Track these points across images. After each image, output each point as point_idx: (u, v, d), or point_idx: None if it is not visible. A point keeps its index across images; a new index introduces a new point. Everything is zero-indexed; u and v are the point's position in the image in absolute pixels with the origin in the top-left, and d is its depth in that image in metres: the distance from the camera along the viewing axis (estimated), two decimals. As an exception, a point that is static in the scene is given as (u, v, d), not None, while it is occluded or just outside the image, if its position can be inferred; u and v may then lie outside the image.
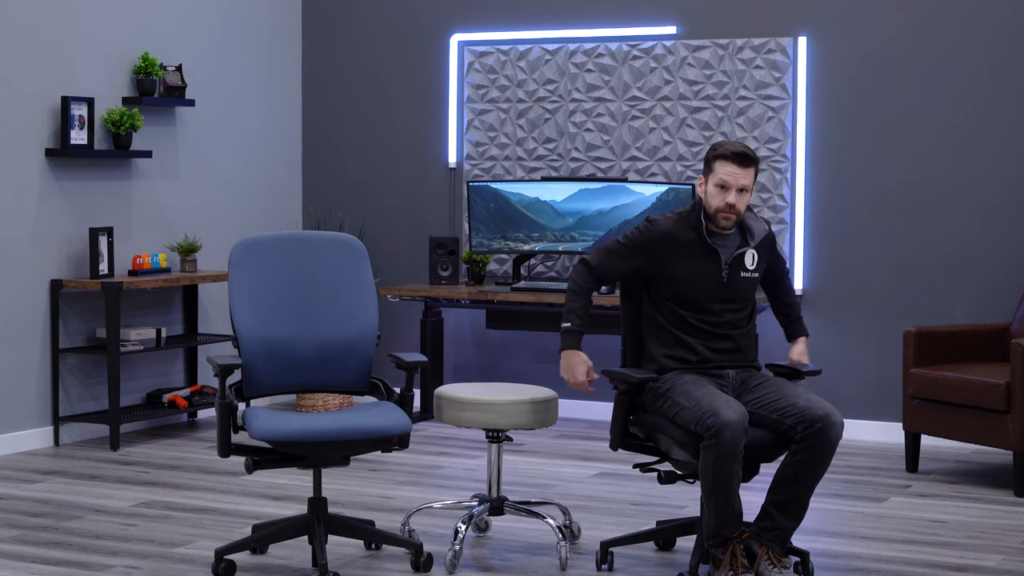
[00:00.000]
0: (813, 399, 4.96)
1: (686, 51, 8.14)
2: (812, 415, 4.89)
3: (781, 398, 5.00)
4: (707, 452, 4.80)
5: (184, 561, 5.33)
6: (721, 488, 4.81)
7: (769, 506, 4.96)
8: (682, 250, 5.11)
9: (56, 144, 7.50)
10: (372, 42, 8.93)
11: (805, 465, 4.91)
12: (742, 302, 5.17)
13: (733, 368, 5.15)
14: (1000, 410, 6.51)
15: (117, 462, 7.15)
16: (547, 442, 7.75)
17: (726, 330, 5.14)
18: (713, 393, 4.91)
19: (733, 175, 5.04)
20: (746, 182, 5.06)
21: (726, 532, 4.87)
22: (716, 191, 5.07)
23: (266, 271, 5.31)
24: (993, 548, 5.60)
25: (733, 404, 4.83)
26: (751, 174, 5.08)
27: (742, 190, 5.06)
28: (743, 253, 5.14)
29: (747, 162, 5.06)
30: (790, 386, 5.07)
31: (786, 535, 4.96)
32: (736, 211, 5.07)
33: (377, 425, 4.99)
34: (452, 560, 5.19)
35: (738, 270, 5.14)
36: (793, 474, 4.92)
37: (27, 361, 7.42)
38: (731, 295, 5.14)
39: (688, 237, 5.11)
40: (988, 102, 7.59)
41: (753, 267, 5.17)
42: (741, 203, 5.07)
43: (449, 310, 8.65)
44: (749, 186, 5.07)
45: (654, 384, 5.08)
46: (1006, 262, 7.56)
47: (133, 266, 7.79)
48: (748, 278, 5.17)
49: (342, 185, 9.03)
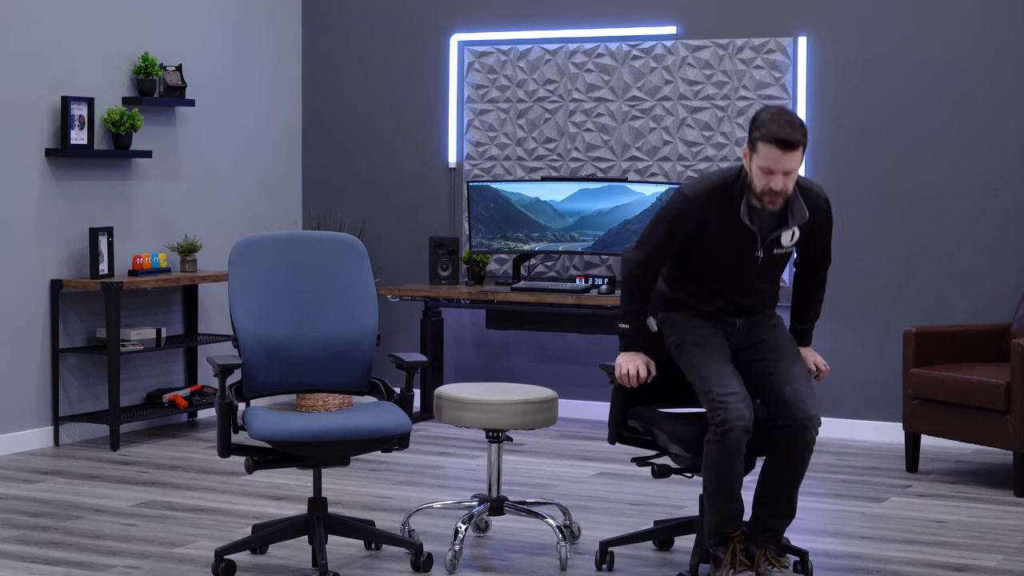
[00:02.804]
0: (799, 391, 4.83)
1: (686, 51, 8.14)
2: (790, 415, 4.81)
3: (770, 375, 4.89)
4: (711, 448, 4.78)
5: (184, 561, 5.33)
6: (723, 485, 4.80)
7: (756, 507, 4.94)
8: (718, 227, 4.85)
9: (56, 144, 7.50)
10: (372, 42, 8.93)
11: (783, 465, 4.87)
12: (772, 274, 4.99)
13: (741, 316, 5.01)
14: (1000, 410, 6.51)
15: (117, 462, 7.15)
16: (547, 442, 7.75)
17: (746, 293, 4.98)
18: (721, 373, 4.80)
19: (777, 160, 4.70)
20: (792, 165, 4.70)
21: (727, 530, 4.86)
22: (760, 174, 4.74)
23: (266, 271, 5.31)
24: (993, 548, 5.60)
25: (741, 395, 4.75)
26: (798, 156, 4.71)
27: (788, 173, 4.73)
28: (780, 234, 4.89)
29: (792, 147, 4.68)
30: (787, 361, 4.92)
31: (778, 534, 4.94)
32: (783, 194, 4.76)
33: (377, 425, 4.99)
34: (452, 560, 5.19)
35: (772, 248, 4.91)
36: (772, 473, 4.90)
37: (27, 361, 7.42)
38: (762, 272, 4.95)
39: (726, 213, 4.83)
40: (988, 102, 7.59)
41: (790, 244, 4.92)
42: (788, 185, 4.74)
43: (449, 310, 8.65)
44: (796, 168, 4.73)
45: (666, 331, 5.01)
46: (1006, 262, 7.56)
47: (133, 266, 7.79)
48: (782, 254, 4.95)
49: (342, 185, 9.03)
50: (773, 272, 5.01)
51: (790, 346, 4.99)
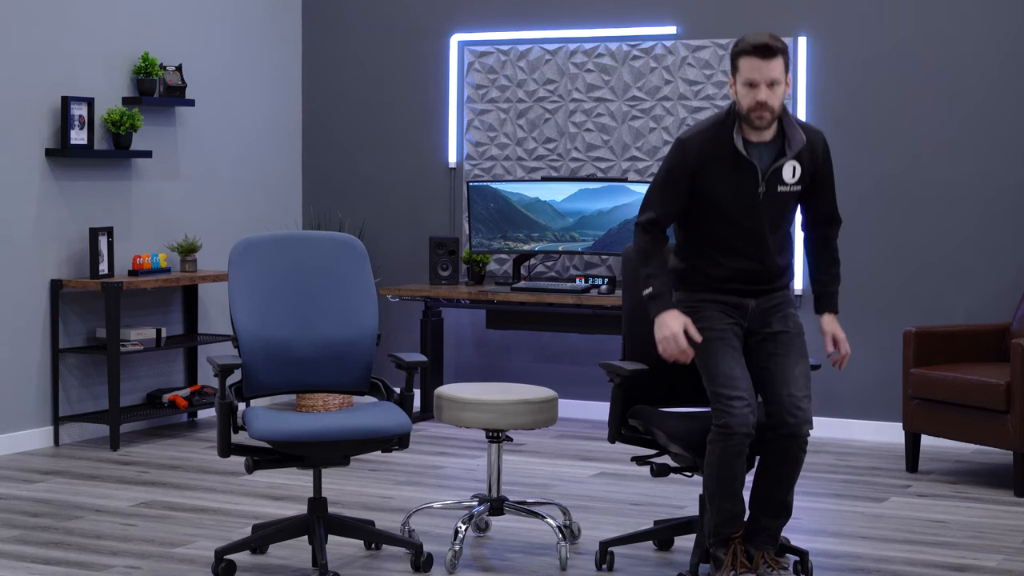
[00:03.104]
0: (794, 395, 4.79)
1: (686, 51, 8.14)
2: (781, 418, 4.79)
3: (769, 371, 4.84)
4: (713, 448, 4.77)
5: (184, 561, 5.33)
6: (724, 486, 4.79)
7: (752, 506, 4.93)
8: (717, 165, 4.78)
9: (56, 144, 7.50)
10: (372, 42, 8.93)
11: (777, 465, 4.86)
12: (778, 217, 4.86)
13: (755, 297, 4.92)
14: (1000, 410, 6.51)
15: (117, 462, 7.15)
16: (547, 442, 7.75)
17: (757, 248, 4.86)
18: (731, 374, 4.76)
19: (758, 69, 4.67)
20: (775, 74, 4.68)
21: (727, 531, 4.86)
22: (745, 90, 4.70)
23: (266, 271, 5.31)
24: (993, 548, 5.60)
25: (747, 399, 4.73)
26: (779, 64, 4.69)
27: (772, 84, 4.69)
28: (782, 166, 4.80)
29: (771, 53, 4.67)
30: (790, 360, 4.86)
31: (774, 533, 4.92)
32: (769, 108, 4.70)
33: (377, 425, 4.99)
34: (452, 560, 5.19)
35: (776, 184, 4.81)
36: (766, 474, 4.89)
37: (27, 361, 7.42)
38: (767, 211, 4.83)
39: (723, 150, 4.78)
40: (988, 102, 7.59)
41: (794, 180, 4.82)
42: (774, 98, 4.70)
43: (449, 310, 8.65)
44: (779, 78, 4.69)
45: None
46: (1006, 262, 7.56)
47: (133, 266, 7.79)
48: (787, 192, 4.84)
49: (342, 185, 9.03)
50: (779, 216, 4.86)
51: (796, 342, 4.92)
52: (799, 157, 4.83)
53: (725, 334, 4.87)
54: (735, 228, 4.85)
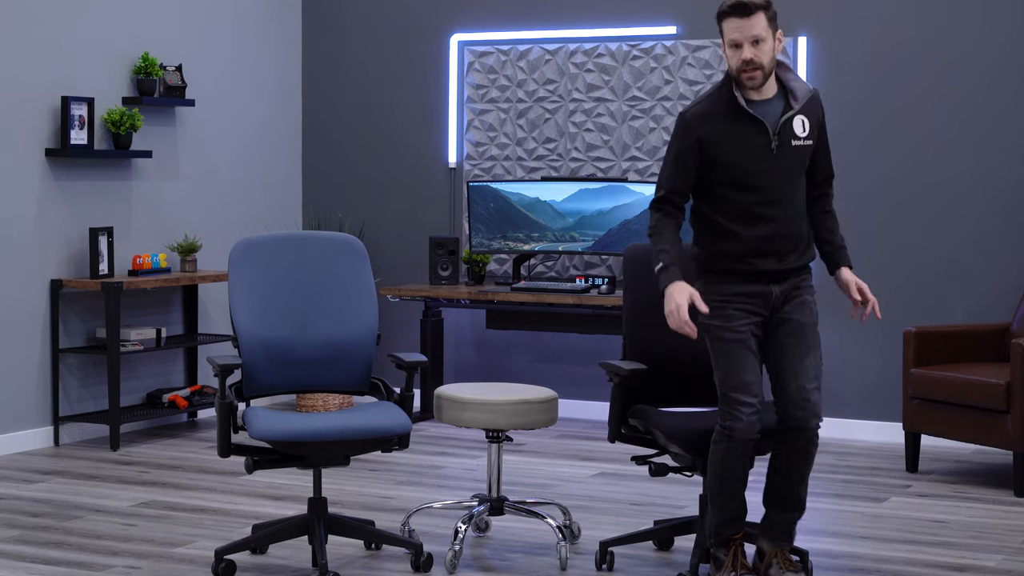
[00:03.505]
0: (804, 388, 4.76)
1: (686, 51, 8.14)
2: (789, 412, 4.77)
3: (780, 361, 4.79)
4: (717, 448, 4.76)
5: (184, 561, 5.33)
6: (726, 487, 4.79)
7: (764, 500, 4.94)
8: (723, 128, 4.71)
9: (56, 144, 7.50)
10: (372, 42, 8.93)
11: (786, 459, 4.84)
12: (795, 175, 4.78)
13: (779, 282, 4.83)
14: (1000, 410, 6.51)
15: (117, 462, 7.15)
16: (547, 442, 7.75)
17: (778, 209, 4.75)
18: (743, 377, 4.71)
19: (739, 28, 4.63)
20: (756, 31, 4.64)
21: (728, 531, 4.86)
22: (731, 52, 4.67)
23: (266, 271, 5.31)
24: (993, 548, 5.60)
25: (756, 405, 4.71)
26: (760, 21, 4.65)
27: (756, 41, 4.64)
28: (790, 119, 4.73)
29: (749, 10, 4.64)
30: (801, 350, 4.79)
31: (787, 528, 4.91)
32: (757, 65, 4.65)
33: (377, 425, 4.99)
34: (452, 560, 5.19)
35: (788, 138, 4.73)
36: (777, 467, 4.88)
37: (27, 361, 7.42)
38: (784, 167, 4.74)
39: (727, 114, 4.71)
40: (988, 102, 7.59)
41: (805, 134, 4.76)
42: (761, 55, 4.65)
43: (449, 310, 8.65)
44: (763, 35, 4.64)
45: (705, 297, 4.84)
46: (1006, 262, 7.56)
47: (133, 266, 7.79)
48: (800, 146, 4.76)
49: (342, 185, 9.03)
50: (797, 173, 4.78)
51: (809, 332, 4.84)
52: (806, 111, 4.77)
53: (744, 336, 4.79)
54: (753, 191, 4.74)
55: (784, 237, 4.79)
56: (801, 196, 4.85)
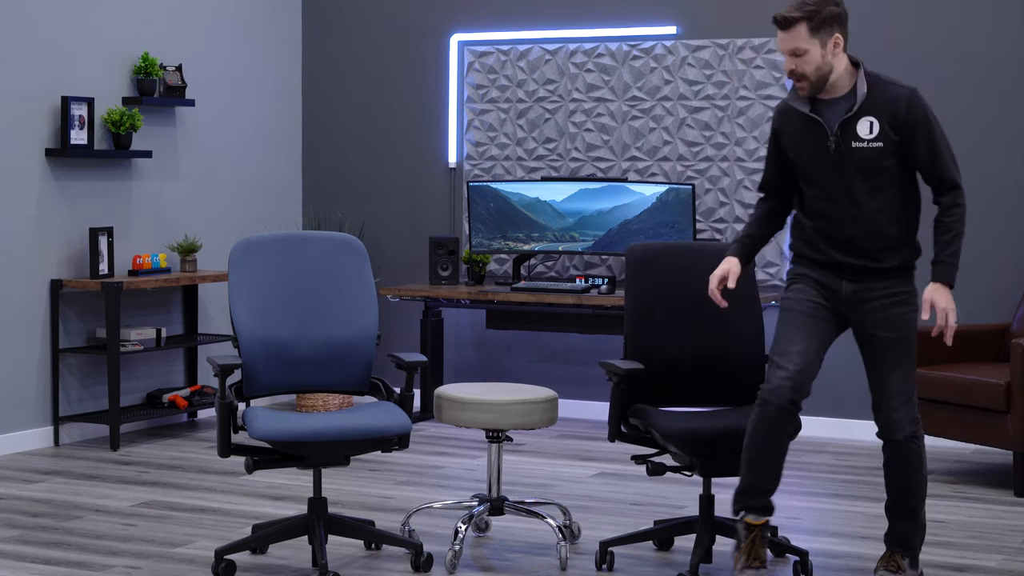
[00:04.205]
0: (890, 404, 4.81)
1: (686, 51, 8.14)
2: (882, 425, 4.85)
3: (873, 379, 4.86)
4: (752, 411, 4.81)
5: (184, 561, 5.33)
6: (753, 455, 4.79)
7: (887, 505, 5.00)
8: (795, 126, 4.85)
9: (56, 144, 7.50)
10: (372, 42, 8.93)
11: (887, 468, 4.93)
12: (869, 176, 4.75)
13: (852, 280, 4.83)
14: (1000, 410, 6.51)
15: (117, 462, 7.15)
16: (547, 442, 7.75)
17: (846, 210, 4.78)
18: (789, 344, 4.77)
19: (782, 40, 4.74)
20: (796, 44, 4.71)
21: (750, 501, 4.82)
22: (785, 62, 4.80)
23: (266, 271, 5.31)
24: (993, 548, 5.60)
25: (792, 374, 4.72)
26: (800, 32, 4.71)
27: (798, 54, 4.71)
28: (851, 118, 4.74)
29: (787, 23, 4.72)
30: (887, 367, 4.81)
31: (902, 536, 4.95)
32: (802, 76, 4.73)
33: (377, 425, 4.99)
34: (452, 560, 5.19)
35: (849, 139, 4.74)
36: (885, 475, 4.95)
37: (27, 361, 7.42)
38: (843, 167, 4.74)
39: (798, 111, 4.82)
40: (988, 102, 7.59)
41: (871, 136, 4.73)
42: (804, 66, 4.72)
43: (449, 310, 8.65)
44: (803, 46, 4.71)
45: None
46: (1006, 262, 7.56)
47: (133, 266, 7.79)
48: (865, 148, 4.73)
49: (342, 185, 9.03)
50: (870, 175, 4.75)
51: (892, 348, 4.83)
52: (875, 112, 4.75)
53: (804, 306, 4.84)
54: (819, 188, 4.81)
55: (854, 238, 4.81)
56: (877, 199, 4.78)
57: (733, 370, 5.29)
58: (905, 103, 4.74)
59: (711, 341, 5.28)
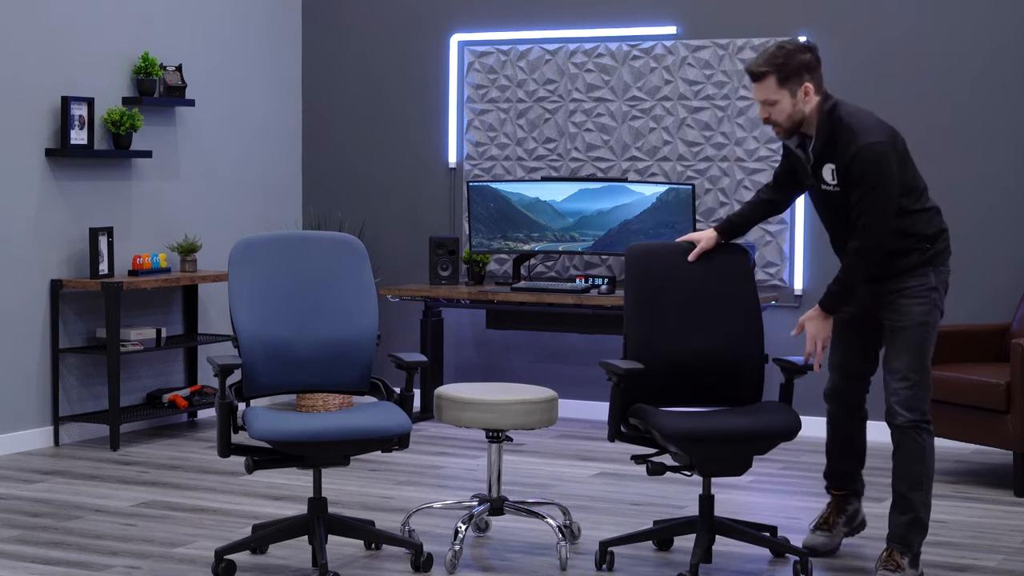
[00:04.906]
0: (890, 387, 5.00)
1: (686, 51, 8.14)
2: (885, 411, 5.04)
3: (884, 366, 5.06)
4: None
5: (184, 561, 5.33)
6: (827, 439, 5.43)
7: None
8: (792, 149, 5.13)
9: (56, 144, 7.50)
10: (372, 42, 8.93)
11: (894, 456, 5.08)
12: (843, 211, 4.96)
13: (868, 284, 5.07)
14: (1000, 410, 6.51)
15: (117, 462, 7.15)
16: (547, 442, 7.75)
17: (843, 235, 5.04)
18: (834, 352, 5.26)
19: (755, 91, 4.99)
20: (765, 94, 4.94)
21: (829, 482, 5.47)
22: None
23: (266, 271, 5.31)
24: (993, 548, 5.60)
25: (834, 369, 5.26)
26: (768, 86, 4.93)
27: (769, 103, 4.94)
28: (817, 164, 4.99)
29: (755, 77, 4.96)
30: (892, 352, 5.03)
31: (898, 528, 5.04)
32: (773, 123, 4.98)
33: (377, 425, 5.00)
34: (452, 560, 5.19)
35: (819, 181, 5.02)
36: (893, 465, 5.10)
37: (27, 361, 7.42)
38: (821, 202, 5.09)
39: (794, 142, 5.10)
40: (989, 102, 7.59)
41: (834, 182, 4.97)
42: (775, 113, 4.95)
43: (449, 310, 8.65)
44: (773, 97, 4.93)
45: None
46: (1006, 262, 7.56)
47: (133, 266, 7.79)
48: (830, 191, 5.01)
49: (342, 185, 9.03)
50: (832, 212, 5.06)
51: (898, 335, 5.04)
52: (833, 159, 4.95)
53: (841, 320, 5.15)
54: (818, 209, 5.17)
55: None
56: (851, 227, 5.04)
57: (733, 370, 5.29)
58: (851, 157, 4.90)
59: (711, 341, 5.28)
